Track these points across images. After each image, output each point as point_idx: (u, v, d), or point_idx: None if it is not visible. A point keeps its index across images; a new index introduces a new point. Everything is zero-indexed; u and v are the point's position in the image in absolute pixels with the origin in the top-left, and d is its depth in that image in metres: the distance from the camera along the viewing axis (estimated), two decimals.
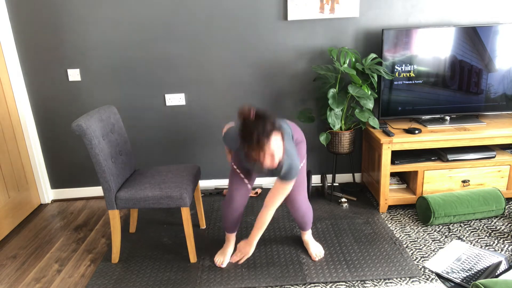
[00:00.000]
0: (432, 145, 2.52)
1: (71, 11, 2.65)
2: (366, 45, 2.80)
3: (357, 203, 2.78)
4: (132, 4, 2.65)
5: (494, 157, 2.59)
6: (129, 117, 2.91)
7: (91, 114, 2.07)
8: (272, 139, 1.65)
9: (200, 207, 2.49)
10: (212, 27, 2.73)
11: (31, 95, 2.83)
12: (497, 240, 2.26)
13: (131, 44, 2.74)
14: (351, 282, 1.96)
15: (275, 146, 1.67)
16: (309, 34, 2.76)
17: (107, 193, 2.06)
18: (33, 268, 2.22)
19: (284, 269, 2.07)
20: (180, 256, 2.24)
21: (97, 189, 3.09)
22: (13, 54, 2.69)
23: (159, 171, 2.31)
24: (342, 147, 2.70)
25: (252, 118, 1.65)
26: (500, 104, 2.73)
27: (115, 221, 2.13)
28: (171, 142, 2.99)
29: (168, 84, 2.85)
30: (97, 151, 1.98)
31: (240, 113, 1.68)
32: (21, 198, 2.78)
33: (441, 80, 2.67)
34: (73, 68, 2.78)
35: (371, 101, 2.51)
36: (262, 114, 1.67)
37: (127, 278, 2.07)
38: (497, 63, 2.64)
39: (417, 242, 2.28)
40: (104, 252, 2.33)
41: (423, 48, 2.59)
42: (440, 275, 1.98)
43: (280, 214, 2.65)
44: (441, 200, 2.40)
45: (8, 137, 2.67)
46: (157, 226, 2.59)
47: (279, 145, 1.69)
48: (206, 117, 2.93)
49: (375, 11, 2.72)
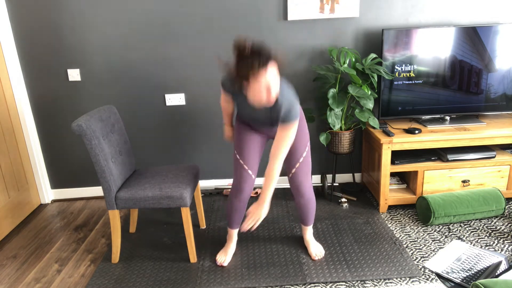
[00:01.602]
0: (432, 145, 2.52)
1: (71, 11, 2.65)
2: (366, 45, 2.80)
3: (357, 203, 2.78)
4: (132, 4, 2.65)
5: (494, 157, 2.59)
6: (129, 117, 2.91)
7: (91, 114, 2.07)
8: (268, 70, 1.62)
9: (200, 207, 2.49)
10: (212, 27, 2.73)
11: (31, 95, 2.83)
12: (497, 240, 2.26)
13: (131, 44, 2.74)
14: (351, 282, 1.96)
15: (271, 78, 1.63)
16: (309, 34, 2.76)
17: (107, 193, 2.07)
18: (33, 268, 2.22)
19: (284, 269, 2.07)
20: (180, 256, 2.24)
21: (97, 189, 3.09)
22: (13, 54, 2.69)
23: (159, 171, 2.31)
24: (342, 147, 2.70)
25: (248, 51, 1.62)
26: (500, 104, 2.73)
27: (115, 221, 2.13)
28: (171, 142, 2.99)
29: (168, 84, 2.85)
30: (97, 151, 1.98)
31: (236, 45, 1.64)
32: (21, 198, 2.78)
33: (441, 80, 2.67)
34: (73, 68, 2.78)
35: (371, 101, 2.51)
36: (257, 47, 1.63)
37: (127, 278, 2.07)
38: (497, 63, 2.64)
39: (417, 242, 2.28)
40: (104, 252, 2.33)
41: (423, 48, 2.59)
42: (440, 275, 1.98)
43: (280, 214, 2.66)
44: (441, 200, 2.40)
45: (8, 137, 2.67)
46: (157, 226, 2.59)
47: (275, 77, 1.65)
48: (206, 117, 2.93)
49: (375, 11, 2.72)
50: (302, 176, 2.03)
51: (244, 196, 2.03)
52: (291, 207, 2.76)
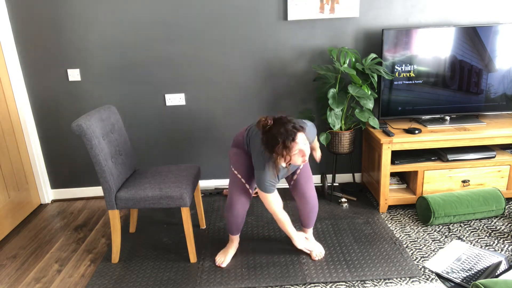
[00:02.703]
0: (432, 145, 2.52)
1: (71, 11, 2.65)
2: (366, 45, 2.80)
3: (357, 203, 2.78)
4: (132, 4, 2.65)
5: (494, 157, 2.59)
6: (129, 117, 2.91)
7: (91, 114, 2.06)
8: (299, 138, 1.69)
9: (200, 207, 2.49)
10: (212, 27, 2.73)
11: (31, 95, 2.83)
12: (497, 240, 2.26)
13: (131, 44, 2.74)
14: (351, 282, 1.96)
15: (302, 144, 1.71)
16: (309, 34, 2.76)
17: (107, 193, 2.06)
18: (33, 268, 2.22)
19: (284, 269, 2.07)
20: (180, 256, 2.24)
21: (97, 189, 3.09)
22: (13, 54, 2.69)
23: (159, 171, 2.31)
24: (342, 147, 2.70)
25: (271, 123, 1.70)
26: (500, 104, 2.73)
27: (115, 221, 2.13)
28: (171, 142, 2.99)
29: (168, 84, 2.85)
30: (97, 151, 1.98)
31: (258, 122, 1.73)
32: (21, 198, 2.78)
33: (441, 80, 2.67)
34: (73, 68, 2.78)
35: (371, 101, 2.51)
36: (279, 119, 1.71)
37: (127, 278, 2.07)
38: (497, 63, 2.64)
39: (417, 242, 2.28)
40: (104, 252, 2.33)
41: (423, 48, 2.59)
42: (440, 275, 1.98)
43: None
44: (441, 200, 2.40)
45: (8, 137, 2.67)
46: (157, 226, 2.59)
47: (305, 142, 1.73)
48: (206, 117, 2.93)
49: (375, 11, 2.72)
50: (304, 182, 2.04)
51: (237, 212, 2.04)
52: (291, 207, 2.76)
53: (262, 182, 1.87)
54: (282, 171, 1.93)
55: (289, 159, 1.73)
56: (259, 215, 2.66)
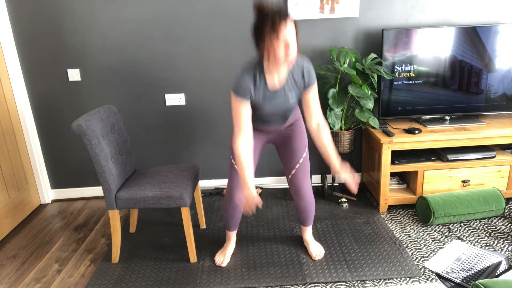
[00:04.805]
0: (432, 145, 2.52)
1: (71, 11, 2.65)
2: (366, 45, 2.80)
3: (357, 203, 2.78)
4: (132, 4, 2.65)
5: (494, 157, 2.59)
6: (129, 117, 2.91)
7: (91, 114, 2.07)
8: (288, 25, 1.59)
9: (200, 207, 2.49)
10: (212, 27, 2.73)
11: (31, 95, 2.83)
12: (497, 240, 2.26)
13: (131, 44, 2.74)
14: (351, 282, 1.96)
15: (290, 34, 1.60)
16: (309, 34, 2.76)
17: (107, 193, 2.06)
18: (33, 268, 2.22)
19: (284, 269, 2.07)
20: (180, 256, 2.24)
21: (97, 189, 3.09)
22: (13, 54, 2.69)
23: (159, 171, 2.31)
24: (342, 147, 2.70)
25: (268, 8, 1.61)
26: (500, 104, 2.73)
27: (115, 221, 2.13)
28: (171, 142, 2.99)
29: (168, 84, 2.85)
30: (97, 151, 1.98)
31: (256, 4, 1.62)
32: (21, 198, 2.78)
33: (441, 80, 2.67)
34: (73, 68, 2.78)
35: (371, 101, 2.51)
36: (277, 6, 1.63)
37: (127, 278, 2.07)
38: (497, 63, 2.64)
39: (417, 242, 2.28)
40: (104, 252, 2.33)
41: (423, 48, 2.59)
42: (440, 275, 1.98)
43: (280, 214, 2.66)
44: (441, 200, 2.40)
45: (8, 137, 2.67)
46: (157, 226, 2.59)
47: (294, 35, 1.62)
48: (206, 117, 2.93)
49: (375, 11, 2.72)
50: (302, 177, 2.03)
51: (237, 203, 2.04)
52: (291, 207, 2.76)
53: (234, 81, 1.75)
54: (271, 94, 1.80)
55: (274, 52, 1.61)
56: (259, 215, 2.66)
